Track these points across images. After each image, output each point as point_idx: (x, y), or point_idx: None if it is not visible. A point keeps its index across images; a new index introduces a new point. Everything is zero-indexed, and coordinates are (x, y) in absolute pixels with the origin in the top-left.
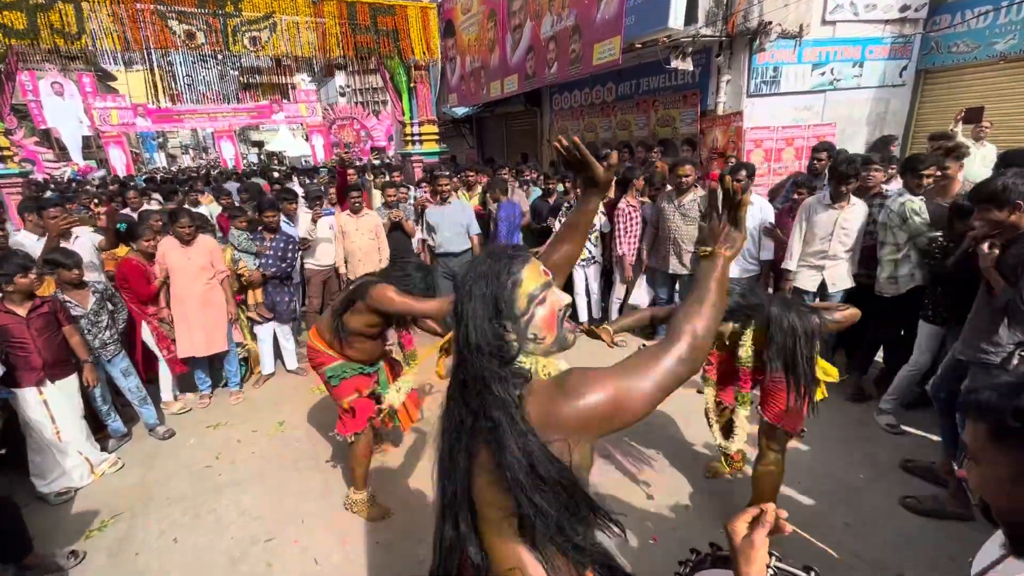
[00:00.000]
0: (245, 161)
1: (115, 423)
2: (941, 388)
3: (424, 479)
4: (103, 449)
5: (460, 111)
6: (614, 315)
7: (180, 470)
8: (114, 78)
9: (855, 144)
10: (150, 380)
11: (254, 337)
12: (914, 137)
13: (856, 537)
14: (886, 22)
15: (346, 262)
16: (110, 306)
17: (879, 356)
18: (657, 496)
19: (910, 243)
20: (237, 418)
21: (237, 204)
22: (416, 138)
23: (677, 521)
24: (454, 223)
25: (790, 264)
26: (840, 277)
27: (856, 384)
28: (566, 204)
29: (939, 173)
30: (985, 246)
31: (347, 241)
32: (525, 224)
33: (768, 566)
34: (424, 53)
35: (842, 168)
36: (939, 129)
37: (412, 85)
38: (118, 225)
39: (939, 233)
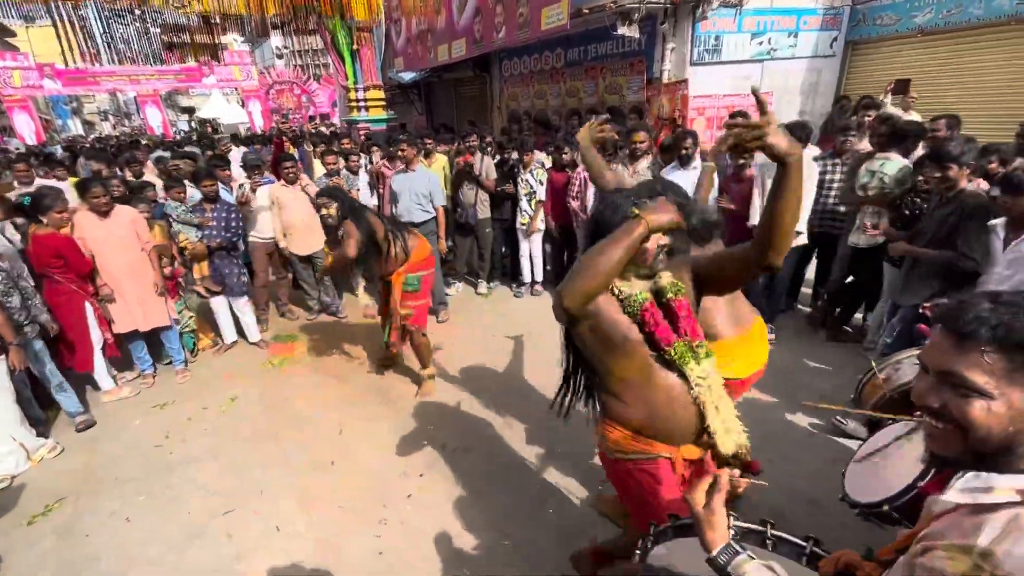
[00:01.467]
0: (175, 129)
1: (66, 400)
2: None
3: (384, 444)
4: (40, 435)
5: (407, 76)
6: None
7: (127, 451)
8: (13, 34)
9: (790, 113)
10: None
11: (189, 309)
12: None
13: (778, 470)
14: None
15: (285, 235)
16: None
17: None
18: None
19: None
20: (185, 396)
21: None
22: (362, 104)
23: None
24: (415, 192)
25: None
26: None
27: (835, 325)
28: (518, 170)
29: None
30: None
31: (285, 213)
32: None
33: (728, 527)
34: (367, 13)
35: (797, 132)
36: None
37: (355, 48)
38: (21, 199)
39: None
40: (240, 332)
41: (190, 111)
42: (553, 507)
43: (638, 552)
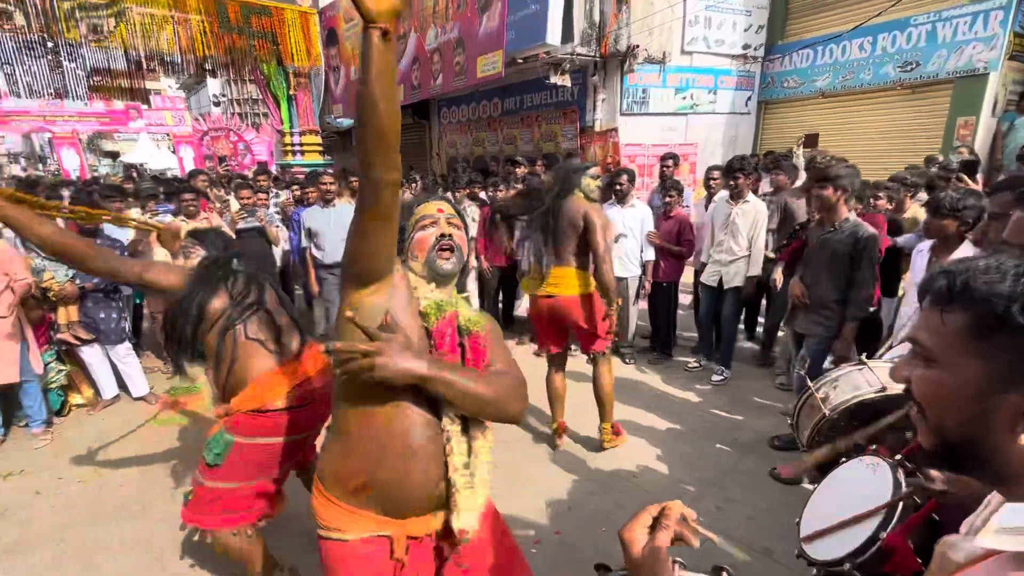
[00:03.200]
0: (95, 173)
1: None
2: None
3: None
4: None
5: (346, 122)
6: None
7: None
8: None
9: (715, 163)
10: None
11: (62, 360)
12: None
13: (726, 518)
14: (732, 57)
15: None
16: None
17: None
18: (542, 497)
19: None
20: (38, 464)
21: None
22: (297, 148)
23: (560, 524)
24: (340, 228)
25: (703, 258)
26: (735, 275)
27: (764, 353)
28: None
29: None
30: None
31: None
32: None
33: None
34: (305, 59)
35: (733, 163)
36: (780, 150)
37: (292, 93)
38: None
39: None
40: (123, 386)
41: (114, 155)
42: None
43: None
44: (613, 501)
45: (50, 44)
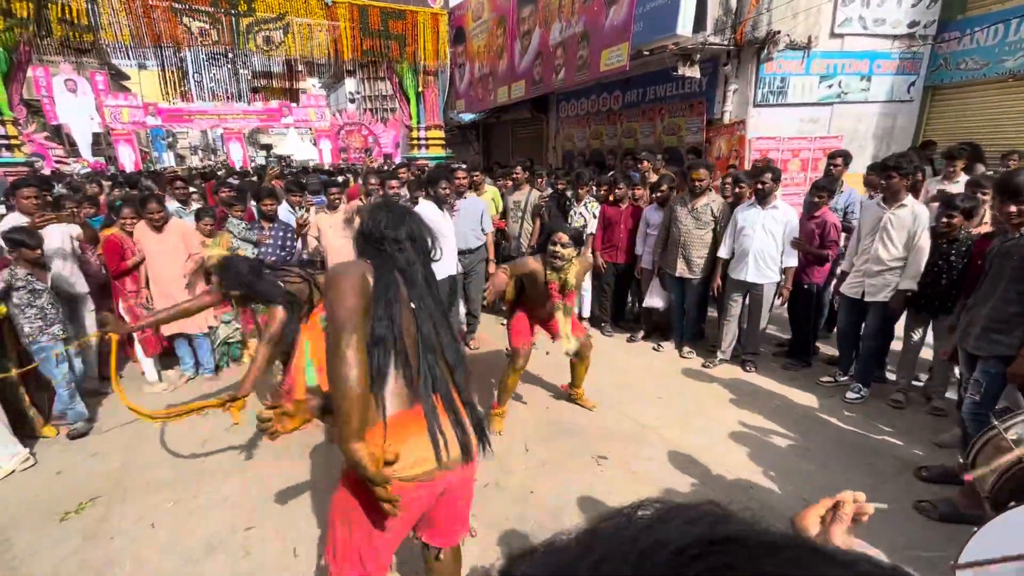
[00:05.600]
0: (253, 164)
1: (78, 407)
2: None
3: None
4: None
5: (467, 117)
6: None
7: (163, 456)
8: (127, 77)
9: (862, 158)
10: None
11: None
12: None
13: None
14: (895, 37)
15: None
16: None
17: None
18: (651, 494)
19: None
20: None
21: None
22: (422, 142)
23: None
24: (466, 218)
25: (847, 265)
26: (881, 287)
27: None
28: (571, 204)
29: None
30: None
31: (324, 239)
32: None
33: None
34: (433, 58)
35: (888, 161)
36: (946, 145)
37: (420, 90)
38: (115, 202)
39: None
40: None
41: (268, 147)
42: None
43: None
44: None
45: (230, 55)
